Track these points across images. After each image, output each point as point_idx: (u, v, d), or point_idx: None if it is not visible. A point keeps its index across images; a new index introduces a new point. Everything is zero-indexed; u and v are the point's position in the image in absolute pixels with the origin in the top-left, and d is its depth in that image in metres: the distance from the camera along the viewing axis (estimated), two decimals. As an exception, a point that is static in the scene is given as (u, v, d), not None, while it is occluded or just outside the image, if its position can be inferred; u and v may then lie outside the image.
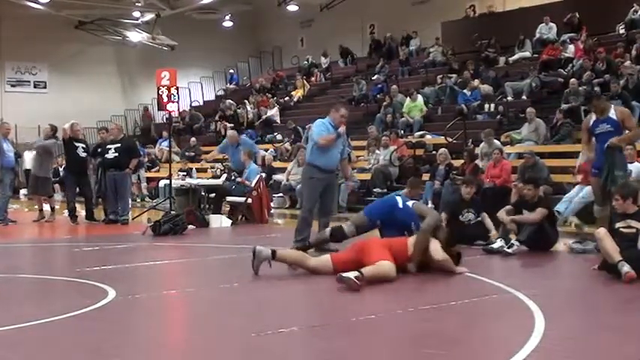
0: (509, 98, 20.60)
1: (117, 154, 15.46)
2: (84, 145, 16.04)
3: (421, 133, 20.36)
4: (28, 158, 23.98)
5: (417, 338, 5.66)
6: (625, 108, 11.33)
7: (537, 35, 23.34)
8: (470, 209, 11.20)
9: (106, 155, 15.65)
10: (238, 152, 16.49)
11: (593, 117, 10.07)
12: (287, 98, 29.24)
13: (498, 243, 10.16)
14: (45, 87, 32.66)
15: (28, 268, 9.31)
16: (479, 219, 11.14)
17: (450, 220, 10.90)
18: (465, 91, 21.36)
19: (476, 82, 21.65)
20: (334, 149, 10.46)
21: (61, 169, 20.43)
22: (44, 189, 16.20)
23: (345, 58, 31.04)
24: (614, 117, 9.80)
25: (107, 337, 5.80)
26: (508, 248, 9.96)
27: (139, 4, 31.23)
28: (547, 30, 23.18)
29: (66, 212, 16.00)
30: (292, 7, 32.39)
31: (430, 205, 14.71)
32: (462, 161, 16.18)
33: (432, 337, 5.64)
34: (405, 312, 6.53)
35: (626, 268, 7.59)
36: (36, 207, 16.62)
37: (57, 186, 20.77)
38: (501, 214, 10.48)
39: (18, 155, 17.84)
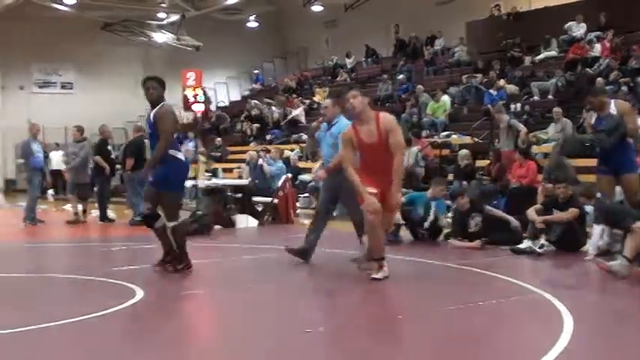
0: (536, 98, 20.49)
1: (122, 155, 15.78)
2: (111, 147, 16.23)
3: (447, 133, 20.30)
4: (55, 159, 24.20)
5: (445, 339, 5.65)
6: (624, 101, 10.78)
7: (567, 34, 23.12)
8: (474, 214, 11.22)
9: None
10: None
11: (594, 115, 9.85)
12: (315, 98, 29.21)
13: (526, 243, 10.10)
14: (71, 88, 32.87)
15: (57, 268, 9.39)
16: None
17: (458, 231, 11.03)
18: (490, 90, 21.28)
19: (501, 81, 21.56)
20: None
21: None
22: (85, 193, 16.32)
23: (370, 58, 31.01)
24: (615, 112, 9.53)
25: (135, 337, 5.84)
26: (539, 248, 9.90)
27: (164, 5, 31.35)
28: (577, 28, 22.96)
29: (94, 212, 16.11)
30: (317, 8, 32.39)
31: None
32: (488, 161, 16.11)
33: (459, 338, 5.63)
34: (430, 312, 6.52)
35: None
36: (64, 208, 16.74)
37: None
38: (531, 213, 10.39)
39: (45, 156, 17.98)
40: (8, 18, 30.13)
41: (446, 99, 21.87)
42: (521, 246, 10.10)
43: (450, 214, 12.39)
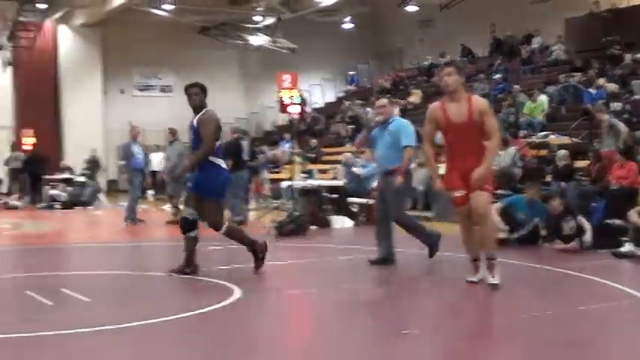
0: (637, 97, 19.95)
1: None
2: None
3: (544, 133, 19.95)
4: (155, 160, 24.72)
5: (546, 343, 5.54)
6: None
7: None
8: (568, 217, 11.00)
9: None
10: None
11: None
12: (410, 99, 29.09)
13: (627, 247, 9.85)
14: (171, 91, 33.53)
15: (157, 267, 9.59)
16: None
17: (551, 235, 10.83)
18: (590, 89, 20.83)
19: (601, 80, 21.07)
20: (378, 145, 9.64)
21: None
22: (179, 193, 16.64)
23: (466, 57, 30.70)
24: None
25: (234, 336, 5.93)
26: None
27: (260, 9, 31.69)
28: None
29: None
30: (412, 8, 32.23)
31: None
32: (588, 162, 15.78)
33: (561, 343, 5.52)
34: (530, 317, 6.41)
35: None
36: (163, 208, 17.08)
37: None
38: (632, 216, 10.14)
39: (145, 157, 18.39)
40: (109, 24, 31.00)
41: (543, 98, 21.50)
42: (622, 249, 9.86)
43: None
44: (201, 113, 8.75)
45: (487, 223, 7.63)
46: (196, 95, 8.86)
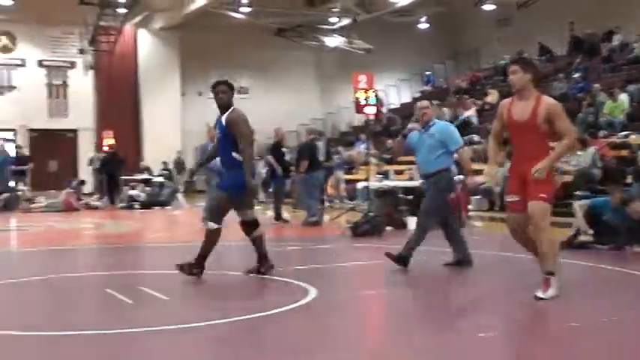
0: None
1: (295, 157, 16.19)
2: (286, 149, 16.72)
3: (625, 133, 19.55)
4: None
5: (629, 352, 5.41)
6: None
7: None
8: None
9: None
10: None
11: None
12: (487, 99, 28.79)
13: None
14: (247, 92, 33.86)
15: (232, 266, 9.67)
16: None
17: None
18: (673, 88, 20.35)
19: (686, 78, 20.56)
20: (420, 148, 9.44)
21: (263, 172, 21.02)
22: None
23: (544, 56, 30.25)
24: None
25: (309, 336, 5.96)
26: None
27: (336, 10, 31.77)
28: None
29: (268, 213, 16.56)
30: (489, 7, 31.93)
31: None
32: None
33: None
34: (610, 322, 6.23)
35: None
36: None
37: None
38: None
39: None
40: (187, 27, 31.45)
41: (624, 97, 21.07)
42: None
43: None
44: (229, 112, 8.64)
45: (543, 238, 6.93)
46: (224, 93, 8.72)
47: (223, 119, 8.65)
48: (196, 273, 8.55)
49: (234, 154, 8.52)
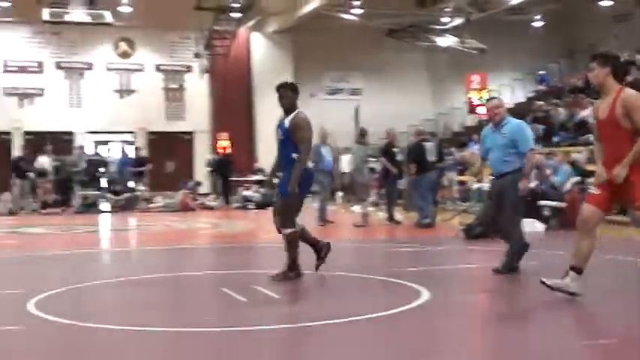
0: None
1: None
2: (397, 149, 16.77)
3: None
4: (345, 162, 25.12)
5: None
6: None
7: None
8: None
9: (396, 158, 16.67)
10: None
11: None
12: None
13: None
14: (359, 94, 33.98)
15: (344, 267, 9.73)
16: None
17: None
18: None
19: None
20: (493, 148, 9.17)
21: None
22: (362, 195, 16.94)
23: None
24: None
25: (422, 338, 5.96)
26: None
27: (449, 10, 31.51)
28: None
29: (380, 214, 16.60)
30: (606, 3, 31.11)
31: None
32: None
33: None
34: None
35: None
36: (352, 209, 17.39)
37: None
38: None
39: (335, 159, 18.78)
40: (300, 30, 31.74)
41: None
42: None
43: None
44: (293, 115, 8.64)
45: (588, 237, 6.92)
46: (287, 97, 8.72)
47: (287, 122, 8.67)
48: (294, 277, 8.59)
49: (294, 156, 8.54)
